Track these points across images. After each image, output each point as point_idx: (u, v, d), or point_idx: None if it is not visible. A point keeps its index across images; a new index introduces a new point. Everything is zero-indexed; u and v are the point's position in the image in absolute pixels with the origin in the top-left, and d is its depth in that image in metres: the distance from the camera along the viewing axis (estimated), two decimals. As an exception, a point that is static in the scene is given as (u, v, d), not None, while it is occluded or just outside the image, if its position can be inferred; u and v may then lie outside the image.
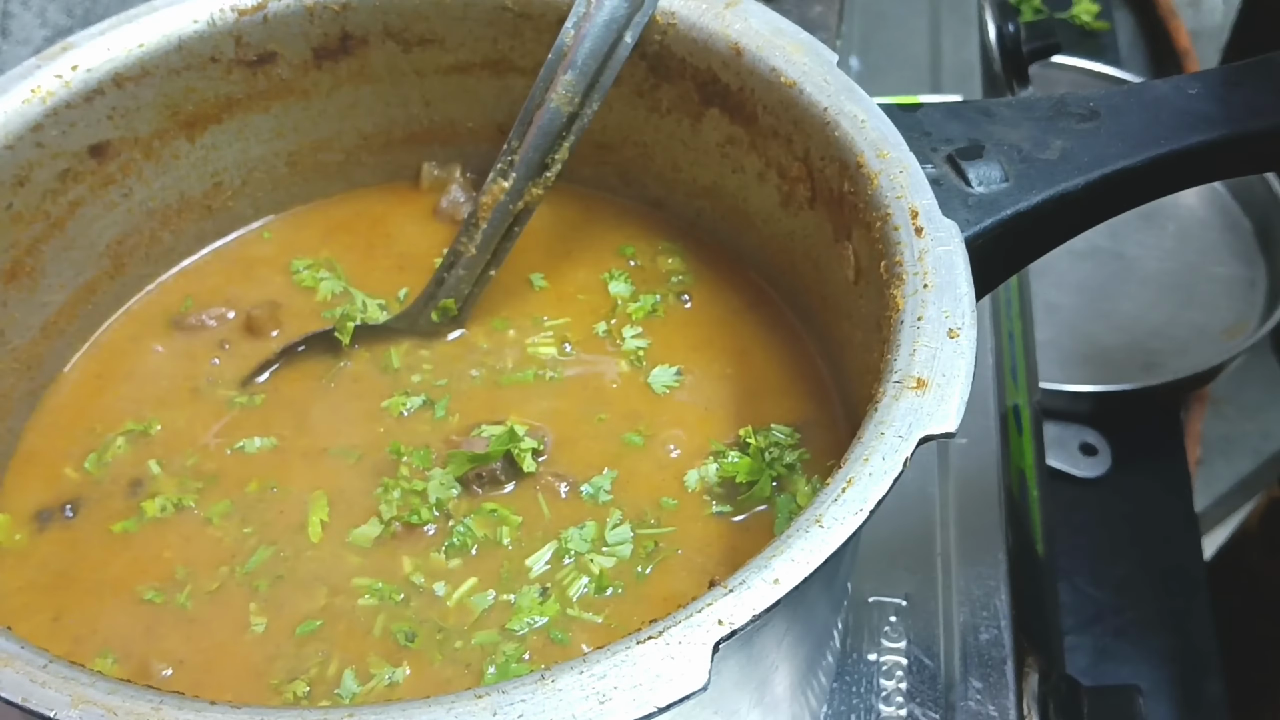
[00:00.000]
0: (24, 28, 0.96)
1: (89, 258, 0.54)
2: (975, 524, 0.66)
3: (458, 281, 0.55)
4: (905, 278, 0.42)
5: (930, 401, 0.37)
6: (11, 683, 0.32)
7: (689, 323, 0.56)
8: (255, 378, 0.54)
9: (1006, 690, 0.59)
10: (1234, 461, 1.58)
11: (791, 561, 0.34)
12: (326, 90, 0.58)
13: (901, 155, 0.45)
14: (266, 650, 0.44)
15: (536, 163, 0.52)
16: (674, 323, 0.56)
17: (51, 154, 0.50)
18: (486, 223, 0.53)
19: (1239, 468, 1.56)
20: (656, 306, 0.56)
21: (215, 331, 0.56)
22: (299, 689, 0.43)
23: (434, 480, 0.49)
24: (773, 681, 0.43)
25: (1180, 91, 0.52)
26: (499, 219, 0.53)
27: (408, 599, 0.46)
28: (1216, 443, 1.53)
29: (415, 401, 0.53)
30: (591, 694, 0.31)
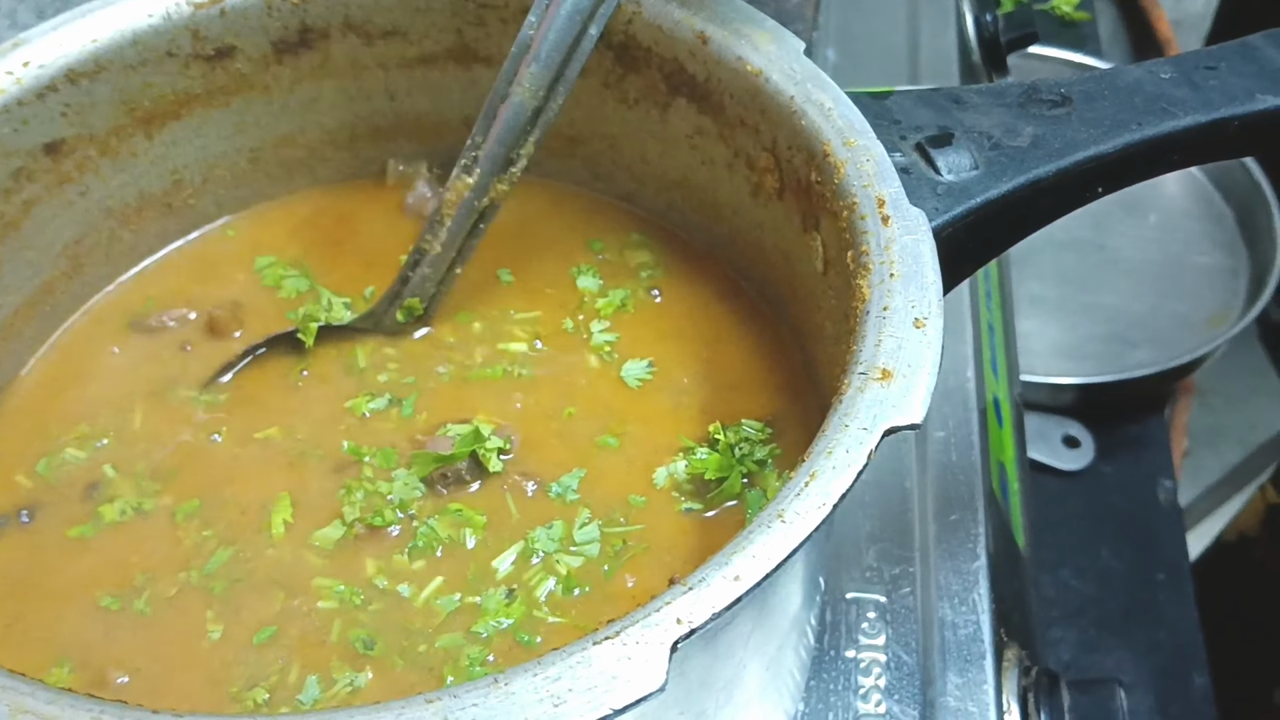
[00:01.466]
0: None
1: (45, 258, 0.53)
2: (954, 518, 0.66)
3: (423, 280, 0.54)
4: (872, 267, 0.41)
5: (895, 393, 0.37)
6: (-52, 693, 0.31)
7: (659, 316, 0.55)
8: (217, 379, 0.53)
9: (986, 685, 0.59)
10: (1221, 452, 1.58)
11: (753, 558, 0.33)
12: (288, 85, 0.57)
13: (869, 143, 0.45)
14: (225, 656, 0.43)
15: (501, 158, 0.51)
16: (644, 317, 0.55)
17: (4, 152, 0.49)
18: (451, 220, 0.52)
19: (1226, 459, 1.56)
20: (626, 301, 0.56)
21: (176, 333, 0.55)
22: (259, 696, 0.42)
23: (398, 481, 0.48)
24: (742, 680, 0.43)
25: (1153, 76, 0.51)
26: (464, 216, 0.52)
27: (369, 601, 0.45)
28: (1203, 434, 1.53)
29: (380, 401, 0.52)
30: (545, 697, 0.30)
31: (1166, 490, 0.99)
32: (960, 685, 0.58)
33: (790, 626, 0.46)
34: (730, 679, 0.41)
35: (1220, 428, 1.66)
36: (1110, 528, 0.96)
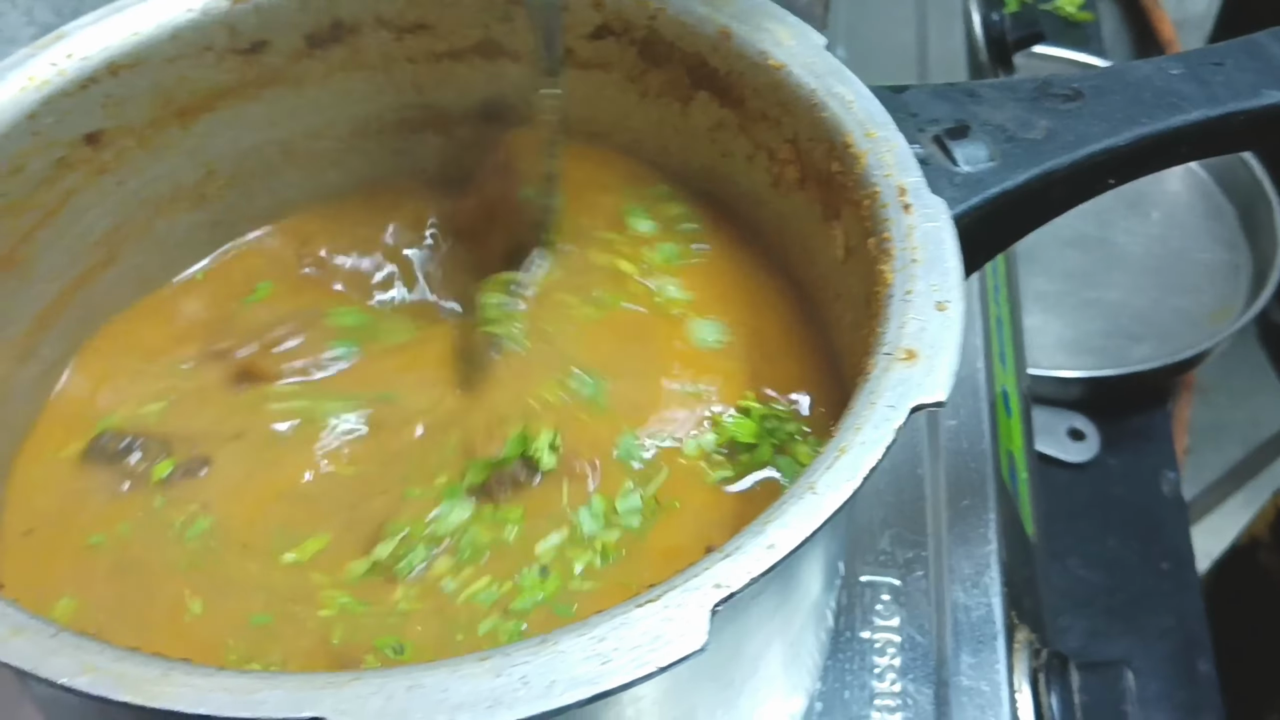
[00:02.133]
0: (11, 26, 0.97)
1: (83, 246, 0.54)
2: (966, 504, 0.67)
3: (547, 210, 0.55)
4: (894, 253, 0.42)
5: (920, 372, 0.38)
6: (21, 652, 0.32)
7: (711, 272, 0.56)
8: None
9: (998, 665, 0.60)
10: (1223, 449, 1.59)
11: (786, 527, 0.34)
12: (319, 78, 0.58)
13: (889, 134, 0.46)
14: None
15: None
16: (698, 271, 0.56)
17: (47, 142, 0.50)
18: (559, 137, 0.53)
19: (1228, 455, 1.57)
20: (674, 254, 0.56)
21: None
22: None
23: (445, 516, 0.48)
24: (767, 655, 0.44)
25: (1162, 72, 0.53)
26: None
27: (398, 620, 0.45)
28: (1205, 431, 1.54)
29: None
30: (593, 655, 0.31)
31: (1170, 482, 1.01)
32: (973, 665, 0.60)
33: (813, 606, 0.48)
34: (757, 653, 0.43)
35: (1222, 425, 1.68)
36: (1116, 518, 0.98)
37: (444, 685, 0.31)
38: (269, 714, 0.31)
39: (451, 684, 0.31)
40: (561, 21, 0.51)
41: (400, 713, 0.31)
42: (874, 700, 0.59)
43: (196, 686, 0.31)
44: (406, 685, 0.31)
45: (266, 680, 0.31)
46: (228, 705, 0.31)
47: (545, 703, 0.31)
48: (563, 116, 0.53)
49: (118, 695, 0.31)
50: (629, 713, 0.38)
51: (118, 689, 0.31)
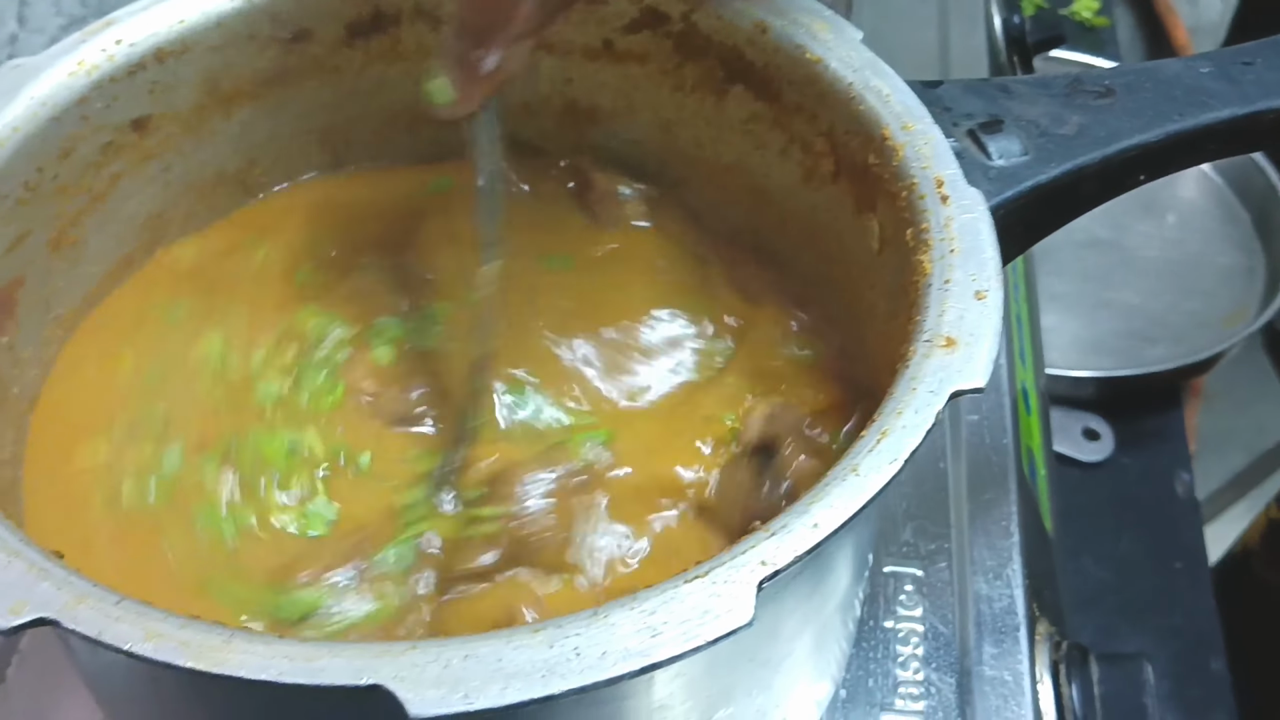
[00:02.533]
0: (40, 16, 0.98)
1: (128, 231, 0.55)
2: (988, 498, 0.68)
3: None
4: (932, 244, 0.43)
5: (960, 359, 0.39)
6: (87, 619, 0.33)
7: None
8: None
9: (1020, 656, 0.61)
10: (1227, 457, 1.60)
11: (830, 507, 0.35)
12: (358, 68, 0.59)
13: (926, 128, 0.47)
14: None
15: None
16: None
17: (95, 127, 0.51)
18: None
19: (1232, 463, 1.57)
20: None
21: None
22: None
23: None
24: (801, 639, 0.45)
25: (1192, 70, 0.53)
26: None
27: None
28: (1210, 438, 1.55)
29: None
30: (643, 628, 0.32)
31: (1184, 482, 1.01)
32: (996, 655, 0.61)
33: (845, 592, 0.48)
34: (793, 634, 0.43)
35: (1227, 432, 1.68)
36: (1129, 517, 0.99)
37: (498, 655, 0.32)
38: (329, 681, 0.32)
39: (506, 654, 0.32)
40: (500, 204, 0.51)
41: (456, 680, 0.31)
42: (898, 688, 0.60)
43: (258, 654, 0.32)
44: (462, 655, 0.32)
45: (327, 649, 0.32)
46: (289, 672, 0.32)
47: (597, 673, 0.32)
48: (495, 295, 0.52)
49: (182, 661, 0.32)
50: (671, 688, 0.39)
51: (182, 655, 0.32)
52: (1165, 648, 0.91)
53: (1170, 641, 0.91)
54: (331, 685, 0.31)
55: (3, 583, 0.34)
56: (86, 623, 0.33)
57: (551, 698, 0.31)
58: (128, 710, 0.45)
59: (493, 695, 0.31)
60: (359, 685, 0.31)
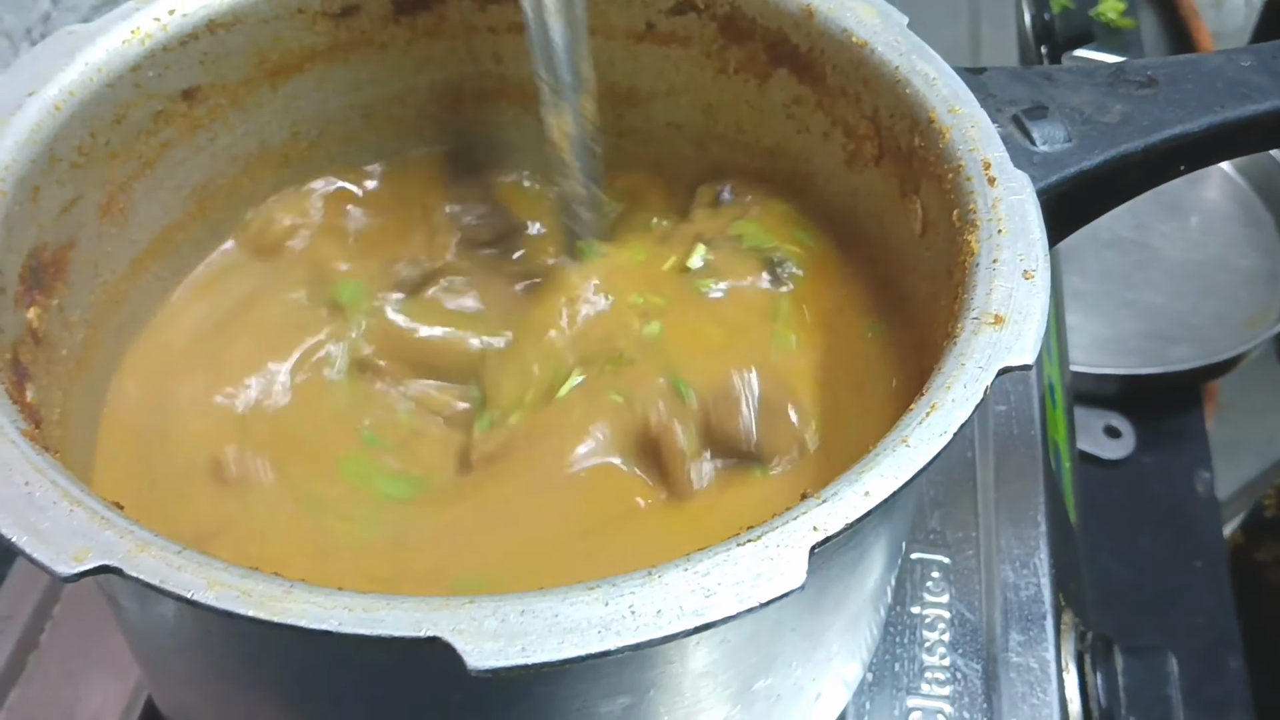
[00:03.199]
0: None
1: (175, 200, 0.56)
2: (1016, 488, 0.68)
3: (587, 221, 0.57)
4: (979, 224, 0.43)
5: (1008, 336, 0.39)
6: (149, 567, 0.33)
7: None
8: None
9: (1047, 644, 0.61)
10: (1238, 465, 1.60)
11: (881, 476, 0.36)
12: (403, 44, 0.59)
13: (973, 111, 0.47)
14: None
15: (571, 81, 0.54)
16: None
17: (147, 95, 0.52)
18: (572, 156, 0.55)
19: (1243, 471, 1.57)
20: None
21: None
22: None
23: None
24: (841, 613, 0.45)
25: (1233, 63, 0.54)
26: (580, 147, 0.55)
27: None
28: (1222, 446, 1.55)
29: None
30: (697, 588, 0.33)
31: (1204, 481, 1.02)
32: (1022, 643, 0.61)
33: (880, 575, 0.49)
34: (834, 606, 0.44)
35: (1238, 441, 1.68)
36: (1150, 515, 0.99)
37: (555, 610, 0.32)
38: (388, 632, 0.32)
39: (562, 610, 0.32)
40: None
41: (513, 634, 0.32)
42: (924, 673, 0.60)
43: (319, 604, 0.33)
44: (520, 609, 0.32)
45: (386, 601, 0.33)
46: (349, 622, 0.32)
47: (652, 631, 0.32)
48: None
49: (243, 610, 0.32)
50: (715, 656, 0.39)
51: (243, 604, 0.33)
52: (1184, 645, 0.91)
53: (1189, 638, 0.92)
54: (391, 636, 0.32)
55: (66, 530, 0.34)
56: (149, 570, 0.33)
57: (607, 653, 0.32)
58: (172, 666, 0.46)
59: (549, 649, 0.32)
60: (419, 636, 0.32)
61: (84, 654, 0.60)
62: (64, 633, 0.61)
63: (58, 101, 0.48)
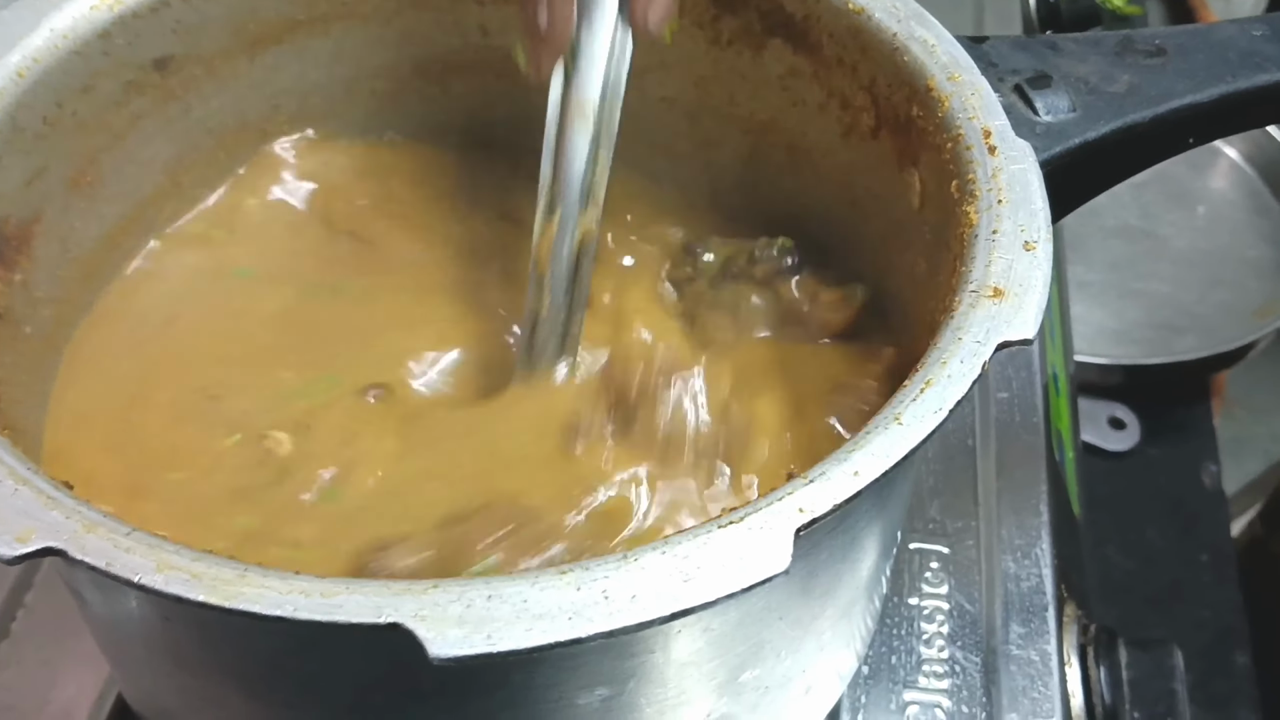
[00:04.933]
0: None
1: (147, 173, 0.54)
2: (1017, 478, 0.67)
3: (544, 343, 0.50)
4: (979, 194, 0.42)
5: (1008, 309, 0.37)
6: (96, 548, 0.32)
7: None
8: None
9: (1048, 636, 0.59)
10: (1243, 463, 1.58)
11: (871, 455, 0.34)
12: (386, 16, 0.58)
13: (973, 78, 0.45)
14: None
15: (579, 189, 0.48)
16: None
17: (117, 63, 0.50)
18: (549, 272, 0.49)
19: (1248, 469, 1.55)
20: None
21: None
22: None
23: None
24: (831, 602, 0.43)
25: (1246, 33, 0.52)
26: (560, 262, 0.49)
27: None
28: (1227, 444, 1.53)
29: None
30: (675, 572, 0.31)
31: (1211, 474, 1.00)
32: (1023, 635, 0.59)
33: (875, 563, 0.47)
34: (824, 593, 0.42)
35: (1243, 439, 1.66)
36: (1155, 508, 0.97)
37: (524, 595, 0.30)
38: (346, 618, 0.30)
39: (531, 594, 0.31)
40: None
41: (479, 620, 0.30)
42: (921, 666, 0.58)
43: (274, 588, 0.31)
44: (486, 595, 0.31)
45: (345, 585, 0.31)
46: (305, 608, 0.30)
47: (626, 617, 0.30)
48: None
49: (194, 594, 0.31)
50: (699, 644, 0.37)
51: (193, 588, 0.31)
52: (1189, 640, 0.89)
53: (1195, 633, 0.90)
54: (349, 623, 0.30)
55: (10, 510, 0.32)
56: (95, 553, 0.31)
57: (578, 641, 0.30)
58: (135, 657, 0.44)
59: (517, 637, 0.30)
60: (378, 624, 0.30)
61: (58, 642, 0.58)
62: (37, 621, 0.59)
63: (21, 68, 0.46)
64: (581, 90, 0.47)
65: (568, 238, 0.48)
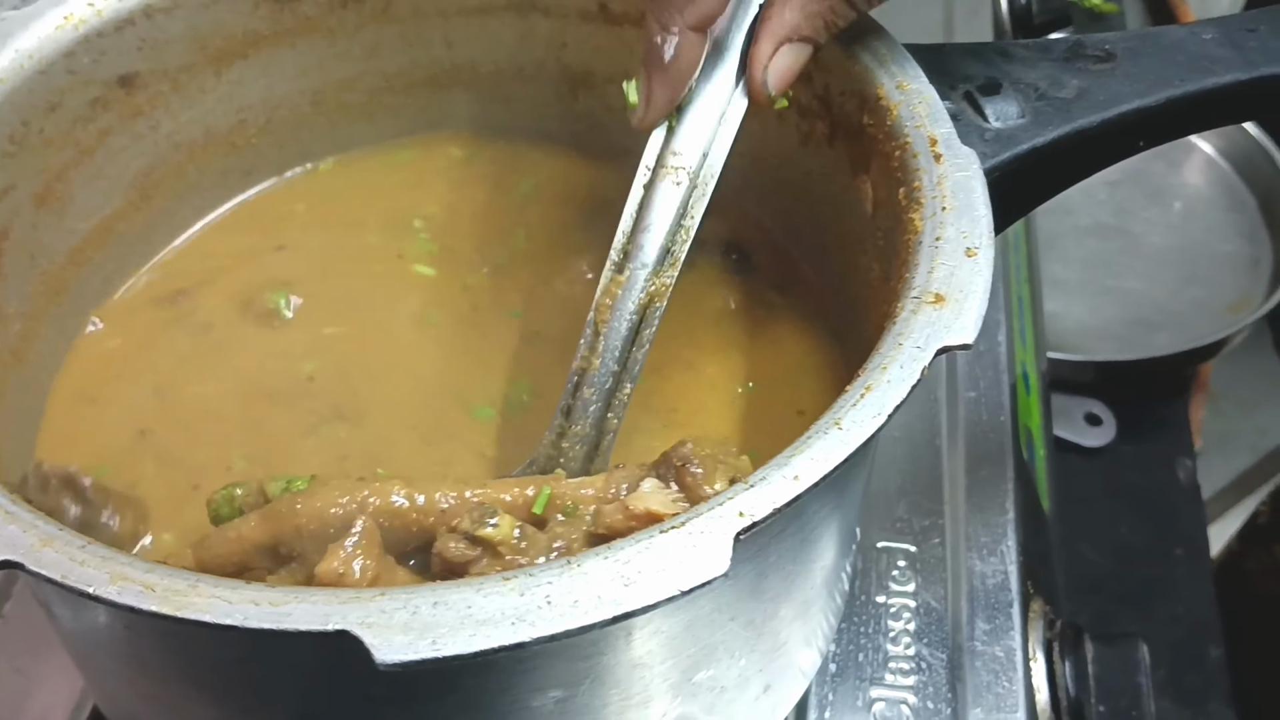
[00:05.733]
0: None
1: (116, 188, 0.55)
2: (984, 475, 0.67)
3: (586, 404, 0.46)
4: (924, 202, 0.42)
5: (948, 315, 0.38)
6: (52, 561, 0.32)
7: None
8: None
9: (1013, 632, 0.60)
10: (1231, 458, 1.58)
11: (811, 460, 0.34)
12: (351, 29, 0.58)
13: (921, 87, 0.46)
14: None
15: (660, 247, 0.46)
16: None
17: (82, 81, 0.51)
18: (608, 328, 0.46)
19: (1236, 464, 1.56)
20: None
21: None
22: None
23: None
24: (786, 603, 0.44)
25: (1195, 36, 0.52)
26: (621, 321, 0.46)
27: None
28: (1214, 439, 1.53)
29: None
30: (616, 577, 0.32)
31: (1186, 469, 1.00)
32: (988, 631, 0.60)
33: (831, 561, 0.47)
34: (776, 595, 0.43)
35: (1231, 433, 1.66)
36: (1130, 504, 0.98)
37: (468, 602, 0.31)
38: (294, 626, 0.31)
39: (476, 601, 0.31)
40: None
41: (425, 627, 0.31)
42: (888, 663, 0.59)
43: (224, 598, 0.31)
44: (432, 601, 0.31)
45: (294, 594, 0.32)
46: (254, 617, 0.31)
47: (568, 621, 0.31)
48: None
49: (146, 605, 0.31)
50: (650, 645, 0.38)
51: (146, 599, 0.31)
52: (1164, 635, 0.90)
53: (1169, 628, 0.90)
54: (297, 630, 0.31)
55: (-32, 524, 0.33)
56: (52, 565, 0.32)
57: (522, 645, 0.31)
58: (103, 668, 0.45)
59: (461, 642, 0.30)
60: (325, 631, 0.31)
61: (34, 652, 0.59)
62: (13, 631, 0.60)
63: (-14, 88, 0.47)
64: (685, 142, 0.46)
65: (634, 297, 0.46)
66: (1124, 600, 0.93)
